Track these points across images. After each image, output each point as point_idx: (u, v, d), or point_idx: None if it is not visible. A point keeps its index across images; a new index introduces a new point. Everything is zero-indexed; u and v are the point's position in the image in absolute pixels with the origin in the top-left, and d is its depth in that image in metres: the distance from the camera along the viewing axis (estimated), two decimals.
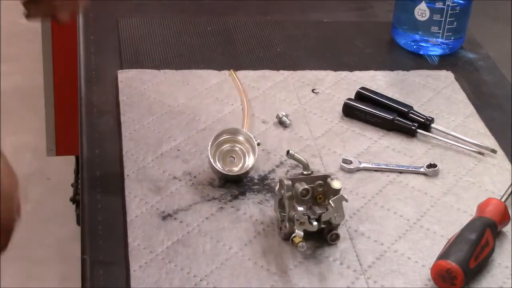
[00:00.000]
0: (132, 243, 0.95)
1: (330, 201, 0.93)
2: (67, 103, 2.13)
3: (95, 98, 1.21)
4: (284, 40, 1.38)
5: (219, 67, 1.29)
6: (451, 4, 1.32)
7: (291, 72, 1.29)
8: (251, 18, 1.44)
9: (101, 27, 1.38)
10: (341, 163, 1.09)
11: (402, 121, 1.16)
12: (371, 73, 1.30)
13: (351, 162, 1.09)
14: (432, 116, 1.18)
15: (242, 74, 1.27)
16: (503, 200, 1.01)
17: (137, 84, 1.23)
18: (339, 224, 0.95)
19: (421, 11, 1.33)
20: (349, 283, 0.91)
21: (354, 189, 1.05)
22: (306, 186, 0.94)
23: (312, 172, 0.98)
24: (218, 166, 1.04)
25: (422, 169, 1.09)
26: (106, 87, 1.23)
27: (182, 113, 1.18)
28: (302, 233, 0.92)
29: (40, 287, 2.22)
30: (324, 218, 0.93)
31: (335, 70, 1.30)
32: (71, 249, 2.29)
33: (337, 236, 0.96)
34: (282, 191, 0.95)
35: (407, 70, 1.32)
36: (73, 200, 2.31)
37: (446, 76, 1.31)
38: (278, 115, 1.17)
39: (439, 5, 1.32)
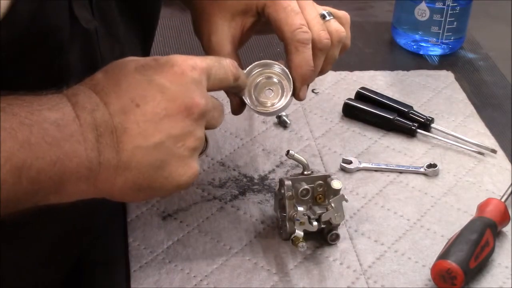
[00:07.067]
0: (132, 243, 0.95)
1: (330, 201, 0.93)
2: None
3: None
4: None
5: None
6: (451, 4, 1.32)
7: None
8: None
9: None
10: (341, 163, 1.09)
11: (402, 121, 1.16)
12: (371, 73, 1.30)
13: (351, 162, 1.09)
14: (432, 116, 1.18)
15: None
16: (503, 200, 1.01)
17: None
18: (339, 224, 0.95)
19: (421, 11, 1.33)
20: (349, 283, 0.91)
21: (354, 189, 1.05)
22: (306, 186, 0.94)
23: (312, 172, 0.98)
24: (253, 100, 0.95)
25: (422, 169, 1.09)
26: None
27: None
28: (302, 233, 0.92)
29: None
30: (324, 218, 0.93)
31: (335, 70, 1.30)
32: None
33: (337, 236, 0.96)
34: (282, 191, 0.94)
35: (407, 70, 1.32)
36: None
37: (446, 76, 1.31)
38: (278, 115, 1.17)
39: (439, 5, 1.32)
